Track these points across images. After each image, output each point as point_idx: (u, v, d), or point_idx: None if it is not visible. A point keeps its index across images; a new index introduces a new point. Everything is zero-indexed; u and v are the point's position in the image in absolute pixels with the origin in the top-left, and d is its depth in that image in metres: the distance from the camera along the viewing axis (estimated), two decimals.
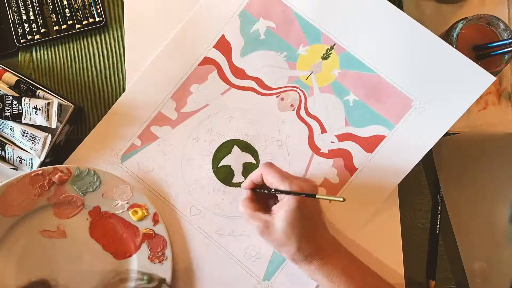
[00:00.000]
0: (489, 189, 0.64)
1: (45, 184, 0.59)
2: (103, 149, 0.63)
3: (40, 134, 0.60)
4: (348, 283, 0.53)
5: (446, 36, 0.57)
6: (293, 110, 0.63)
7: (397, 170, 0.61)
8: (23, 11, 0.64)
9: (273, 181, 0.54)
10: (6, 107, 0.60)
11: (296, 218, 0.53)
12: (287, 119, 0.63)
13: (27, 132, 0.60)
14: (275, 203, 0.56)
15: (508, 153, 0.64)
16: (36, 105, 0.59)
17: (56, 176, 0.59)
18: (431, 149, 0.64)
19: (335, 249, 0.56)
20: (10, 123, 0.60)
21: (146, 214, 0.60)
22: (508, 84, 0.65)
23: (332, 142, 0.62)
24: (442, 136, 0.64)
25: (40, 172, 0.58)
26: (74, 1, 0.65)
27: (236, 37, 0.63)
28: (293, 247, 0.53)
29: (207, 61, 0.63)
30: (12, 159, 0.61)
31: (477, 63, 0.57)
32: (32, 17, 0.64)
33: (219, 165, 0.62)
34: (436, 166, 0.63)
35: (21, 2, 0.64)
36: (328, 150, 0.62)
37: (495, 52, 0.56)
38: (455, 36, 0.56)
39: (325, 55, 0.62)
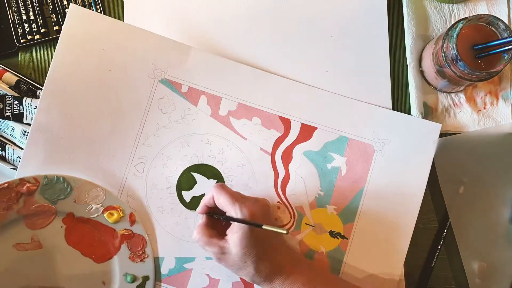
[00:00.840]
0: (489, 189, 0.64)
1: (13, 196, 0.57)
2: (160, 53, 0.62)
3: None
4: None
5: (446, 36, 0.57)
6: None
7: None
8: (23, 11, 0.64)
9: (224, 204, 0.54)
10: (7, 107, 0.60)
11: (249, 241, 0.52)
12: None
13: (28, 132, 0.60)
14: (228, 229, 0.55)
15: (509, 153, 0.64)
16: (37, 106, 0.59)
17: (24, 188, 0.57)
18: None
19: (296, 264, 0.55)
20: (10, 123, 0.60)
21: (122, 215, 0.59)
22: (507, 84, 0.65)
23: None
24: (443, 137, 0.64)
25: (6, 185, 0.57)
26: (74, 1, 0.65)
27: None
28: (251, 269, 0.53)
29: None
30: (12, 159, 0.61)
31: (477, 62, 0.57)
32: (32, 17, 0.64)
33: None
34: (436, 167, 0.63)
35: (21, 2, 0.64)
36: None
37: (495, 51, 0.56)
38: (455, 36, 0.56)
39: None
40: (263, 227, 0.51)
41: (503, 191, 0.63)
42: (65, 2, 0.65)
